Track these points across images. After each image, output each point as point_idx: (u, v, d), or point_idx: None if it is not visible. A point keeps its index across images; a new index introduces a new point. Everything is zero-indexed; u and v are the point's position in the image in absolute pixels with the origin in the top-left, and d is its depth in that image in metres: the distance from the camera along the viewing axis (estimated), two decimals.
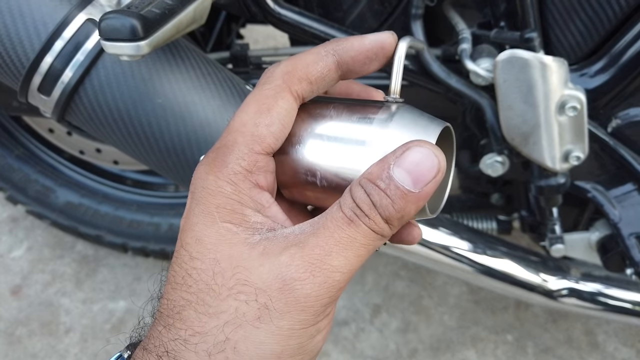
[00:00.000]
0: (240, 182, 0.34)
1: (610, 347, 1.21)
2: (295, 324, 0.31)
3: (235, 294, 0.31)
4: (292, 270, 0.31)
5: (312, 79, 0.35)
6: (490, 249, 0.90)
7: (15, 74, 0.60)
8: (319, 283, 0.31)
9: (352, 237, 0.31)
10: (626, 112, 0.75)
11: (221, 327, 0.31)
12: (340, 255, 0.31)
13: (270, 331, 0.31)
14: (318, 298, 0.31)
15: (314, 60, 0.35)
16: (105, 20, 0.49)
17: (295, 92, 0.35)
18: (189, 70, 0.63)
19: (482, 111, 0.76)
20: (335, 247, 0.31)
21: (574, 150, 0.73)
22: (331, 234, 0.31)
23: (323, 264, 0.31)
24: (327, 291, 0.31)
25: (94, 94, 0.60)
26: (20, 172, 1.21)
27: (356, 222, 0.31)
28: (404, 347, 1.22)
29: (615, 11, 0.68)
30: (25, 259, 1.36)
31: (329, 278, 0.31)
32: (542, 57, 0.67)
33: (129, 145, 0.64)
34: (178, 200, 1.24)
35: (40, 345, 1.22)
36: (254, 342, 0.31)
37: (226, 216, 0.33)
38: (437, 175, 0.31)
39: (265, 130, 0.34)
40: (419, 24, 0.74)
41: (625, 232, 0.79)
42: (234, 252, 0.32)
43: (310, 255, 0.31)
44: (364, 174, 0.32)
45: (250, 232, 0.33)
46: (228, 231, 0.33)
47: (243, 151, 0.34)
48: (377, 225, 0.31)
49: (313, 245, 0.31)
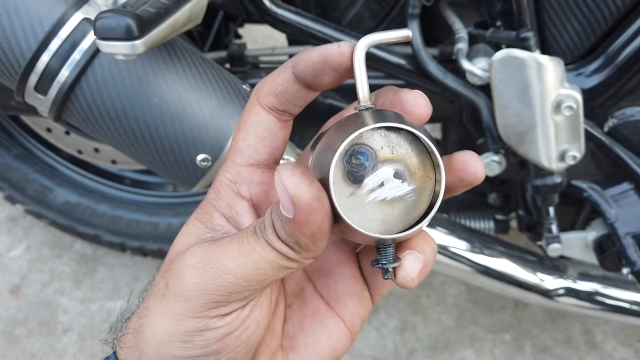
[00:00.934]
0: (223, 191, 0.38)
1: (609, 346, 1.21)
2: (183, 310, 0.33)
3: (162, 272, 0.36)
4: (190, 259, 0.34)
5: (276, 91, 0.37)
6: (488, 249, 0.91)
7: (12, 73, 0.60)
8: (208, 277, 0.33)
9: (253, 247, 0.32)
10: (622, 111, 0.75)
11: (148, 296, 0.36)
12: (237, 260, 0.32)
13: (165, 308, 0.34)
14: (205, 291, 0.33)
15: (277, 73, 0.37)
16: (100, 19, 0.49)
17: (265, 105, 0.37)
18: (186, 70, 0.63)
19: (478, 111, 0.76)
20: (235, 252, 0.33)
21: (570, 150, 0.73)
22: (237, 239, 0.33)
23: (219, 262, 0.33)
24: (217, 288, 0.32)
25: (90, 93, 0.60)
26: (19, 172, 1.21)
27: (258, 234, 0.33)
28: (402, 347, 1.22)
29: (612, 11, 0.68)
30: (24, 258, 1.37)
31: (219, 277, 0.32)
32: (538, 56, 0.67)
33: (125, 144, 0.64)
34: (176, 200, 1.24)
35: (39, 345, 1.22)
36: (156, 315, 0.34)
37: (199, 215, 0.38)
38: (299, 204, 0.29)
39: (242, 144, 0.38)
40: (416, 23, 0.75)
41: (621, 232, 0.79)
42: (184, 242, 0.37)
43: (212, 251, 0.33)
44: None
45: (208, 230, 0.37)
46: (193, 226, 0.37)
47: (228, 164, 0.38)
48: (274, 242, 0.32)
49: (220, 244, 0.33)
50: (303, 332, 0.39)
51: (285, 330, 0.39)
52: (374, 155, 0.32)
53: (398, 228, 0.33)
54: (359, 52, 0.33)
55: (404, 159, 0.32)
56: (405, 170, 0.32)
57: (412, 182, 0.33)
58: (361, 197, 0.32)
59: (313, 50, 0.35)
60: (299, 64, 0.35)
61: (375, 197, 0.32)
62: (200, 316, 0.33)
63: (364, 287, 0.40)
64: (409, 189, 0.32)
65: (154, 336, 0.34)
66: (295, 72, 0.35)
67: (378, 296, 0.41)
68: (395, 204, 0.33)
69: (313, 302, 0.40)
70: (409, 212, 0.33)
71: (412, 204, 0.33)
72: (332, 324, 0.39)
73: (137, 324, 0.35)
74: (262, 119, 0.37)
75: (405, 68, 0.76)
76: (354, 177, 0.32)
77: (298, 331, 0.39)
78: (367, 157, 0.32)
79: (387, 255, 0.34)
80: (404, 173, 0.32)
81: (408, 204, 0.33)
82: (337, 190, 0.32)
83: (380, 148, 0.32)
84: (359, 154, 0.32)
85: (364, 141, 0.32)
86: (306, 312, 0.40)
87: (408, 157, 0.32)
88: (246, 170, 0.38)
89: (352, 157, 0.32)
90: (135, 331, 0.35)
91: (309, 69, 0.35)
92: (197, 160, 0.65)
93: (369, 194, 0.32)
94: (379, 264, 0.34)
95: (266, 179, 0.38)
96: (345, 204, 0.32)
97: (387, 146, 0.32)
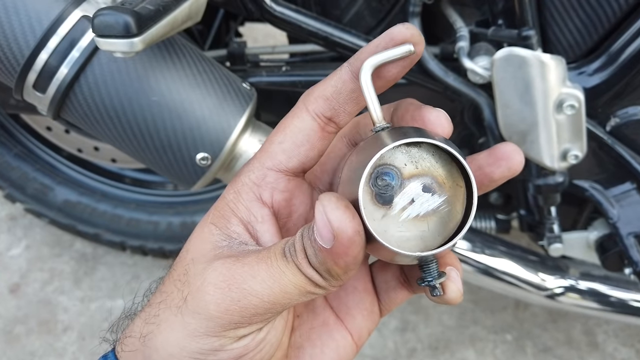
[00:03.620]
0: (244, 192, 0.36)
1: (610, 347, 1.21)
2: (199, 327, 0.32)
3: (176, 280, 0.34)
4: (213, 276, 0.32)
5: (328, 94, 0.35)
6: (489, 249, 0.90)
7: (10, 71, 0.60)
8: (232, 298, 0.31)
9: (282, 270, 0.32)
10: (625, 110, 0.74)
11: (159, 303, 0.35)
12: (265, 282, 0.31)
13: (181, 323, 0.33)
14: (227, 312, 0.32)
15: (330, 77, 0.35)
16: (99, 16, 0.49)
17: (312, 112, 0.35)
18: (185, 68, 0.63)
19: (479, 109, 0.76)
20: (263, 274, 0.32)
21: (572, 149, 0.73)
22: (265, 260, 0.32)
23: (244, 282, 0.31)
24: (239, 309, 0.31)
25: (89, 91, 0.60)
26: (19, 170, 1.21)
27: (288, 258, 0.32)
28: (402, 347, 1.22)
29: (614, 9, 0.67)
30: (24, 257, 1.36)
31: (244, 298, 0.31)
32: (540, 55, 0.67)
33: (125, 142, 0.64)
34: (177, 199, 1.24)
35: (39, 344, 1.22)
36: (170, 327, 0.33)
37: (215, 218, 0.36)
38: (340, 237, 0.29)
39: (276, 147, 0.36)
40: (417, 22, 0.74)
41: (623, 232, 0.79)
42: (199, 248, 0.35)
43: (237, 270, 0.32)
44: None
45: (224, 238, 0.35)
46: (209, 231, 0.35)
47: (255, 165, 0.36)
48: (305, 268, 0.31)
49: (246, 263, 0.32)
50: (310, 343, 0.38)
51: (292, 340, 0.39)
52: (399, 173, 0.32)
53: (437, 242, 0.33)
54: (366, 75, 0.33)
55: (430, 171, 0.32)
56: (433, 183, 0.32)
57: (443, 193, 0.32)
58: (394, 217, 0.32)
59: (371, 42, 0.34)
60: (357, 59, 0.34)
61: (408, 215, 0.32)
62: (218, 335, 0.32)
63: (374, 300, 0.40)
64: (441, 200, 0.32)
65: (165, 348, 0.33)
66: (354, 69, 0.34)
67: (387, 311, 0.40)
68: (430, 218, 0.32)
69: (323, 313, 0.39)
70: (445, 223, 0.33)
71: (446, 215, 0.32)
72: (340, 337, 0.38)
73: (143, 330, 0.34)
74: (305, 125, 0.35)
75: None
76: (382, 198, 0.32)
77: (305, 342, 0.39)
78: (392, 177, 0.32)
79: (431, 271, 0.34)
80: (432, 186, 0.32)
81: (442, 215, 0.32)
82: (368, 214, 0.31)
83: (404, 165, 0.32)
84: (383, 174, 0.31)
85: (387, 161, 0.32)
86: (315, 324, 0.39)
87: (433, 169, 0.32)
88: (273, 175, 0.36)
89: (378, 179, 0.31)
90: (141, 337, 0.34)
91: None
92: (197, 159, 0.64)
93: (401, 213, 0.32)
94: (425, 281, 0.34)
95: (290, 188, 0.37)
96: (379, 227, 0.31)
97: (411, 162, 0.32)
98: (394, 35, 0.33)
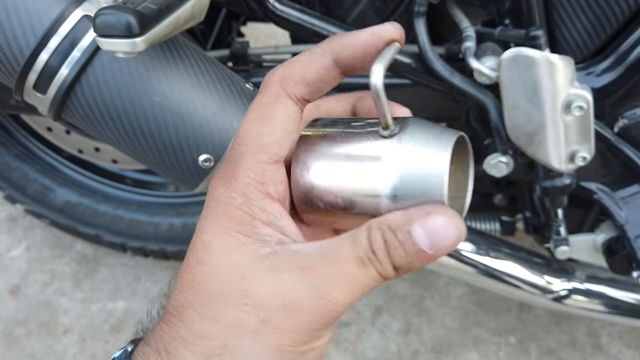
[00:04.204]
0: (251, 194, 0.34)
1: (614, 349, 1.20)
2: (287, 342, 0.32)
3: (237, 304, 0.32)
4: (295, 295, 0.32)
5: (309, 80, 0.35)
6: (494, 250, 0.89)
7: (10, 71, 0.59)
8: (318, 313, 0.32)
9: (360, 277, 0.32)
10: (633, 111, 0.74)
11: (221, 332, 0.32)
12: (345, 291, 0.32)
13: (266, 344, 0.32)
14: (313, 324, 0.32)
15: (309, 61, 0.35)
16: (100, 16, 0.48)
17: (294, 96, 0.35)
18: (188, 68, 0.62)
19: (486, 110, 0.75)
20: (341, 283, 0.32)
21: (580, 151, 0.72)
22: (341, 269, 0.32)
23: (326, 295, 0.32)
24: (323, 319, 0.32)
25: (91, 92, 0.59)
26: (19, 171, 1.20)
27: (367, 265, 0.32)
28: (405, 349, 1.21)
29: (623, 9, 0.66)
30: (24, 258, 1.36)
31: (328, 309, 0.32)
32: (548, 55, 0.66)
33: (126, 143, 0.63)
34: (178, 200, 1.23)
35: (39, 346, 1.22)
36: (250, 352, 0.32)
37: (237, 226, 0.34)
38: (455, 244, 0.31)
39: (268, 139, 0.34)
40: (422, 22, 0.73)
41: (631, 234, 0.78)
42: (240, 262, 0.33)
43: (316, 284, 0.32)
44: (384, 220, 0.32)
45: (260, 244, 0.33)
46: (237, 241, 0.34)
47: (250, 162, 0.34)
48: (385, 271, 0.32)
49: (321, 275, 0.32)
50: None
51: None
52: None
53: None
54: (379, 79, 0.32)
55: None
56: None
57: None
58: None
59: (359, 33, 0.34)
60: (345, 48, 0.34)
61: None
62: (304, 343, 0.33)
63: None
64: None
65: None
66: (337, 57, 0.34)
67: None
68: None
69: None
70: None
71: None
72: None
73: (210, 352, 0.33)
74: (290, 111, 0.35)
75: (412, 67, 0.75)
76: None
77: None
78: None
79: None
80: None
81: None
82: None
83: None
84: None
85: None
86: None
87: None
88: (271, 169, 0.35)
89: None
90: None
91: (360, 52, 0.34)
92: (199, 161, 0.63)
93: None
94: None
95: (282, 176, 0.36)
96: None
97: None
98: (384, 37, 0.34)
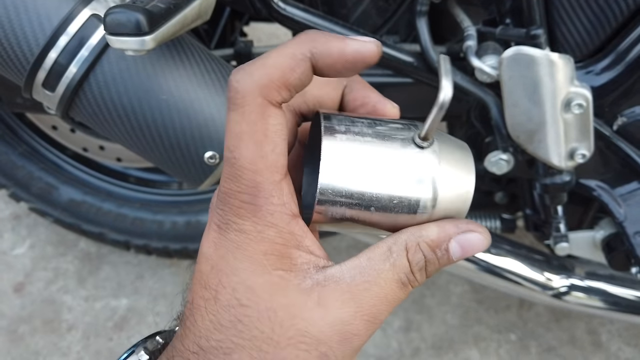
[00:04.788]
0: (278, 220, 0.33)
1: (614, 346, 1.21)
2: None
3: (295, 343, 0.33)
4: (353, 328, 0.33)
5: (291, 85, 0.33)
6: (494, 248, 0.90)
7: (19, 69, 0.60)
8: (370, 335, 0.35)
9: (401, 297, 0.35)
10: (632, 109, 0.74)
11: None
12: (388, 310, 0.35)
13: None
14: (363, 343, 0.35)
15: (290, 66, 0.32)
16: (111, 14, 0.49)
17: (277, 103, 0.33)
18: (194, 67, 0.63)
19: (487, 109, 0.76)
20: (386, 305, 0.34)
21: (579, 148, 0.73)
22: (386, 294, 0.34)
23: (376, 320, 0.34)
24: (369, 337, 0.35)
25: (99, 90, 0.60)
26: (24, 170, 1.21)
27: (408, 286, 0.35)
28: (406, 346, 1.22)
29: (622, 8, 0.67)
30: (28, 256, 1.37)
31: (375, 329, 0.35)
32: (549, 54, 0.67)
33: (133, 141, 0.64)
34: (181, 198, 1.24)
35: (43, 343, 1.22)
36: None
37: (276, 263, 0.33)
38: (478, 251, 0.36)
39: (273, 156, 0.33)
40: (424, 21, 0.74)
41: (630, 231, 0.79)
42: (289, 302, 0.33)
43: (368, 314, 0.34)
44: (422, 237, 0.35)
45: (302, 277, 0.33)
46: (281, 279, 0.33)
47: (269, 188, 0.32)
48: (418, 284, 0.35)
49: (369, 303, 0.34)
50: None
51: None
52: None
53: None
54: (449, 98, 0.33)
55: None
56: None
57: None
58: None
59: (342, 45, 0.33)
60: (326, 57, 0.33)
61: None
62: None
63: None
64: None
65: None
66: (316, 64, 0.33)
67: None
68: None
69: None
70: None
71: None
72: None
73: None
74: (281, 119, 0.33)
75: (414, 66, 0.76)
76: None
77: None
78: None
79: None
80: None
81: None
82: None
83: None
84: None
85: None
86: None
87: None
88: (286, 185, 0.33)
89: None
90: None
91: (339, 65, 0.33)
92: (205, 158, 0.64)
93: None
94: None
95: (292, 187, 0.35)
96: None
97: None
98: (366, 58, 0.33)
